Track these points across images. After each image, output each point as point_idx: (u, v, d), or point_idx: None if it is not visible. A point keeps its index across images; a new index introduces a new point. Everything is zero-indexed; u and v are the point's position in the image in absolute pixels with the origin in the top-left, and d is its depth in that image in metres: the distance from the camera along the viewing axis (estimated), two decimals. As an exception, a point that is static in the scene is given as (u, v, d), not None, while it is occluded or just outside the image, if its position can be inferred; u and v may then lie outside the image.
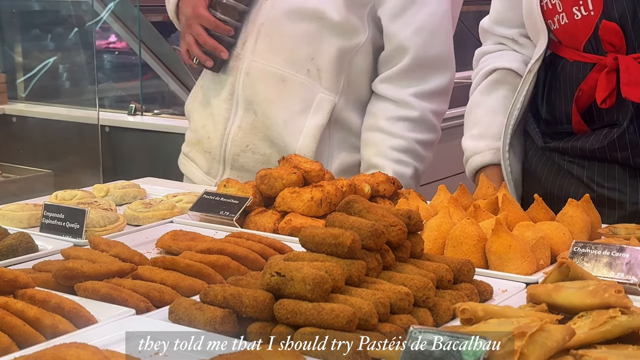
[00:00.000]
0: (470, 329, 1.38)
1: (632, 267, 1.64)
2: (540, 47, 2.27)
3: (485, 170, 2.43)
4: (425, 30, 2.53)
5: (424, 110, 2.53)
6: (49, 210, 2.11)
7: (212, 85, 2.64)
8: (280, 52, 2.52)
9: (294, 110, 2.52)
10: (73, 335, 1.47)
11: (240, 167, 2.59)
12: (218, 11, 2.46)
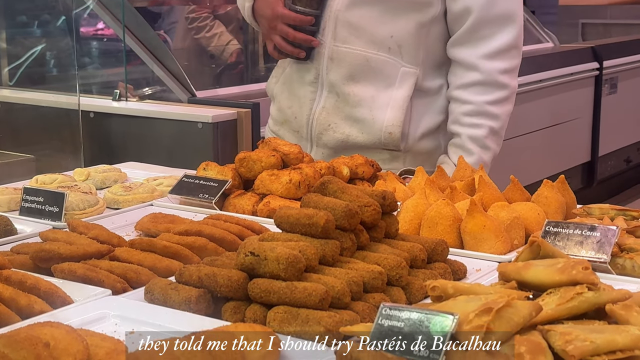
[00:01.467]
0: (439, 305, 1.40)
1: (602, 245, 1.66)
2: None
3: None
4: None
5: (491, 72, 2.59)
6: (29, 194, 2.12)
7: (295, 70, 2.72)
8: (360, 34, 2.59)
9: (380, 86, 2.61)
10: (49, 315, 1.48)
11: (324, 144, 2.68)
12: (298, 5, 2.54)
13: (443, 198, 1.95)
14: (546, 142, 5.56)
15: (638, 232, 1.81)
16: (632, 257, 1.66)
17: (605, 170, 6.33)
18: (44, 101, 3.93)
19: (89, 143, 3.69)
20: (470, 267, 1.76)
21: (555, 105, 5.60)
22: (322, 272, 1.54)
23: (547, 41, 6.36)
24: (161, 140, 3.53)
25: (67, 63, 3.92)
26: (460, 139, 2.62)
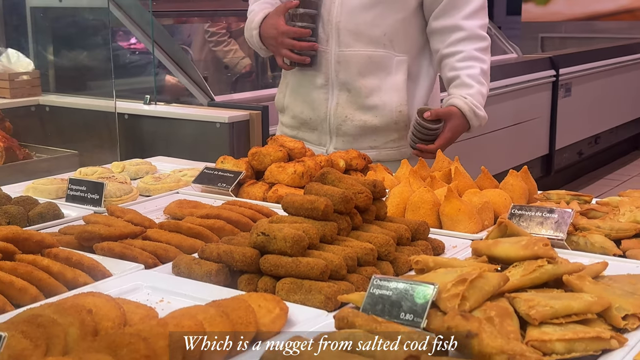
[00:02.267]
0: (422, 277, 1.40)
1: (559, 225, 1.66)
2: None
3: None
4: None
5: (472, 28, 2.62)
6: (73, 184, 2.12)
7: (303, 79, 2.73)
8: (360, 38, 2.61)
9: (382, 76, 2.63)
10: (91, 287, 1.49)
11: (344, 133, 2.68)
12: (297, 22, 2.58)
13: (424, 186, 1.95)
14: (511, 138, 5.56)
15: (590, 214, 1.81)
16: (585, 235, 1.65)
17: (561, 161, 6.34)
18: (86, 105, 3.93)
19: (124, 140, 3.69)
20: (448, 244, 1.75)
21: (518, 106, 5.60)
22: (322, 249, 1.54)
23: (512, 52, 6.35)
24: (185, 138, 3.53)
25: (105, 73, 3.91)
26: (459, 79, 2.61)
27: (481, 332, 1.12)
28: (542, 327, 1.22)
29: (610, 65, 6.79)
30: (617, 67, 6.94)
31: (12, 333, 1.17)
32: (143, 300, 1.43)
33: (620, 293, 1.33)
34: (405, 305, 1.29)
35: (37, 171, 2.65)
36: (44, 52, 4.42)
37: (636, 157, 7.92)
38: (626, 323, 1.26)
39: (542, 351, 1.18)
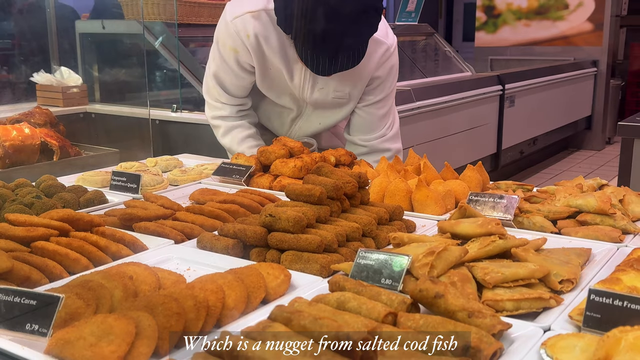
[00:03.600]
0: (398, 250, 1.39)
1: (508, 208, 1.66)
2: None
3: None
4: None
5: (375, 145, 2.52)
6: (116, 175, 2.10)
7: (274, 119, 2.59)
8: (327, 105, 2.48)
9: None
10: (132, 258, 1.48)
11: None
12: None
13: (399, 177, 1.94)
14: (467, 139, 5.56)
15: (532, 199, 1.81)
16: (528, 217, 1.65)
17: (506, 159, 6.34)
18: (125, 112, 3.91)
19: (156, 141, 3.67)
20: (418, 224, 1.75)
21: (472, 115, 5.60)
22: (318, 228, 1.53)
23: (467, 71, 6.34)
24: (206, 139, 3.50)
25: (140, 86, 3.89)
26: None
27: (446, 293, 1.12)
28: (495, 290, 1.22)
29: (546, 82, 6.81)
30: (552, 83, 6.95)
31: (68, 295, 1.17)
32: (173, 269, 1.43)
33: (557, 262, 1.33)
34: (385, 272, 1.29)
35: (85, 165, 2.63)
36: (90, 70, 4.39)
37: (566, 155, 7.96)
38: (562, 286, 1.27)
39: (495, 309, 1.18)
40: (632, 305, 1.07)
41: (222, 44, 2.36)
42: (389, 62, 2.40)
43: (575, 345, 1.01)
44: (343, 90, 2.38)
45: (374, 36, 2.27)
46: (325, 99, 2.40)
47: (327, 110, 2.45)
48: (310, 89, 2.37)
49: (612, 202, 1.64)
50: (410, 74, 5.91)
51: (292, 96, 2.42)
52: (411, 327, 1.08)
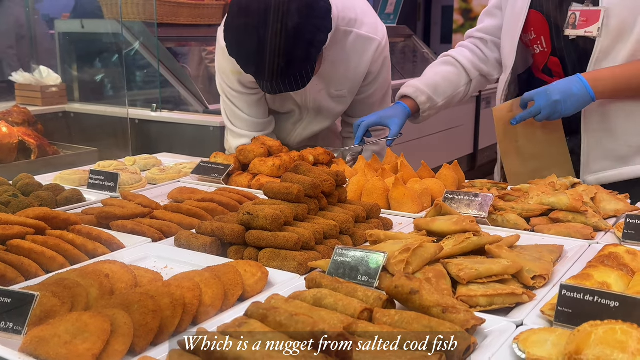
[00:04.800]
0: (374, 247, 1.39)
1: (482, 206, 1.67)
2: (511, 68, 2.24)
3: (404, 100, 2.40)
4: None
5: None
6: (94, 174, 2.08)
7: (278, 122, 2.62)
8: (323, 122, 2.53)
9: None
10: (108, 256, 1.46)
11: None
12: None
13: (377, 176, 1.94)
14: (445, 139, 5.60)
15: (506, 197, 1.82)
16: (502, 214, 1.66)
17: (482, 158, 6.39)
18: (104, 112, 3.87)
19: (135, 140, 3.63)
20: (395, 221, 1.75)
21: (450, 116, 5.63)
22: (295, 225, 1.53)
23: (445, 72, 6.37)
24: (185, 138, 3.49)
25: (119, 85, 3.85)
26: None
27: (421, 289, 1.13)
28: (469, 286, 1.22)
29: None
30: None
31: (43, 293, 1.15)
32: (150, 267, 1.42)
33: (530, 259, 1.34)
34: (362, 269, 1.29)
35: (63, 164, 2.59)
36: (70, 69, 4.33)
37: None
38: (534, 282, 1.28)
39: (469, 304, 1.19)
40: (603, 300, 1.08)
41: (223, 71, 2.38)
42: (382, 56, 2.43)
43: (547, 340, 1.01)
44: (342, 90, 2.42)
45: (364, 34, 2.32)
46: (327, 99, 2.44)
47: (329, 108, 2.48)
48: (312, 93, 2.40)
49: (584, 200, 1.66)
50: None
51: (294, 102, 2.45)
52: (386, 323, 1.08)
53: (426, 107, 2.36)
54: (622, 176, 2.07)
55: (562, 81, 1.98)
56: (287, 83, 2.08)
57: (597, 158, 2.08)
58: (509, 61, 2.22)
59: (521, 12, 2.15)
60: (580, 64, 2.07)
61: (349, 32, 2.31)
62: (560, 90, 1.95)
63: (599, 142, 2.06)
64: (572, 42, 2.07)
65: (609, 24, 1.97)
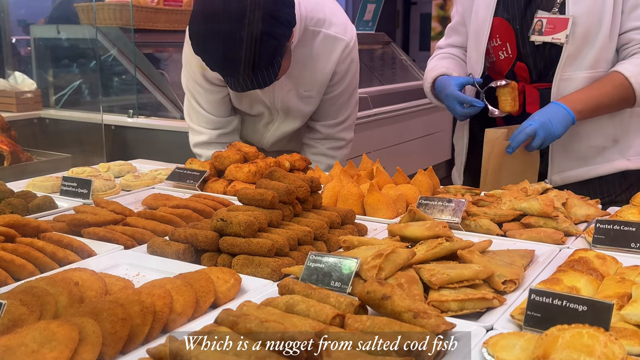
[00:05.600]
0: (348, 253, 1.40)
1: (455, 212, 1.68)
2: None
3: (439, 79, 2.29)
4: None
5: (332, 133, 2.58)
6: (66, 181, 2.05)
7: (246, 126, 2.62)
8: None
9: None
10: (78, 264, 1.44)
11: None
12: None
13: (352, 182, 1.95)
14: (423, 145, 5.63)
15: (479, 203, 1.83)
16: (475, 220, 1.68)
17: (461, 164, 6.43)
18: (79, 118, 3.84)
19: (111, 146, 3.60)
20: (370, 227, 1.76)
21: (428, 121, 5.67)
22: (269, 232, 1.53)
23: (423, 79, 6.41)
24: (161, 144, 3.47)
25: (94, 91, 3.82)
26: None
27: (393, 295, 1.13)
28: (441, 291, 1.23)
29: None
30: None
31: (11, 301, 1.13)
32: (122, 275, 1.40)
33: (501, 264, 1.35)
34: (335, 275, 1.29)
35: (37, 171, 2.56)
36: (45, 75, 4.28)
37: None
38: (505, 287, 1.29)
39: (441, 309, 1.19)
40: (571, 304, 1.09)
41: (189, 65, 2.39)
42: (349, 57, 2.44)
43: (516, 344, 1.02)
44: (311, 90, 2.43)
45: (332, 34, 2.34)
46: (295, 100, 2.44)
47: (298, 109, 2.48)
48: (280, 94, 2.40)
49: (555, 205, 1.68)
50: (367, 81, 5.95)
51: (263, 104, 2.45)
52: (358, 329, 1.08)
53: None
54: (585, 175, 2.17)
55: (543, 109, 2.03)
56: (254, 79, 2.08)
57: (563, 158, 2.16)
58: (476, 69, 2.24)
59: (485, 20, 2.18)
60: (546, 69, 2.12)
61: (317, 32, 2.34)
62: (545, 114, 2.00)
63: (564, 143, 2.12)
64: (537, 48, 2.11)
65: (575, 31, 2.02)
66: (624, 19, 2.04)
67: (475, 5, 2.23)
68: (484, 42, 2.19)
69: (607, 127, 2.13)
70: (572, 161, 2.16)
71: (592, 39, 2.04)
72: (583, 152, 2.15)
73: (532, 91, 2.15)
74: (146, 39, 3.95)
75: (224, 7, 2.01)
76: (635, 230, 1.51)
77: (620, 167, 2.17)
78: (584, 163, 2.16)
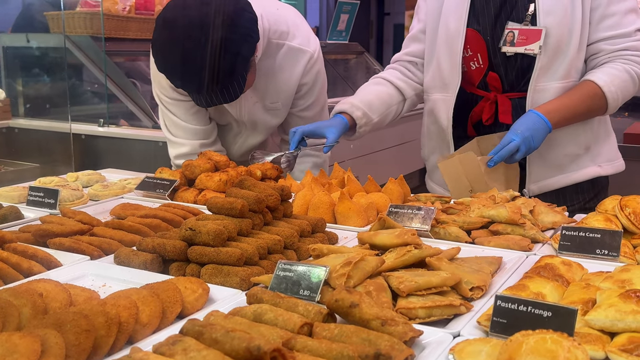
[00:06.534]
0: (317, 261, 1.39)
1: (425, 219, 1.69)
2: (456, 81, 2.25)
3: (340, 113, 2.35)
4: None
5: None
6: (33, 190, 2.02)
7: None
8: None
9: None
10: (43, 275, 1.42)
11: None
12: None
13: (323, 190, 1.95)
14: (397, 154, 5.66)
15: (449, 211, 1.85)
16: (444, 227, 1.69)
17: (434, 173, 6.48)
18: (48, 127, 3.78)
19: (81, 156, 3.55)
20: (341, 235, 1.76)
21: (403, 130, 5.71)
22: (239, 241, 1.52)
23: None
24: (133, 154, 3.43)
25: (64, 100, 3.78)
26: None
27: (361, 302, 1.13)
28: (409, 298, 1.23)
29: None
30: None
31: (-29, 314, 1.10)
32: (88, 286, 1.38)
33: (469, 271, 1.36)
34: (304, 284, 1.28)
35: (4, 181, 2.52)
36: (14, 84, 4.22)
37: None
38: (472, 293, 1.30)
39: (409, 316, 1.19)
40: (536, 310, 1.10)
41: (158, 81, 2.38)
42: (314, 69, 2.45)
43: (482, 350, 1.03)
44: (276, 102, 2.43)
45: (295, 46, 2.35)
46: (261, 112, 2.44)
47: (264, 121, 2.48)
48: (246, 106, 2.40)
49: (522, 213, 1.70)
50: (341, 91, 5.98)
51: (231, 116, 2.45)
52: (326, 337, 1.08)
53: (362, 122, 2.35)
54: (560, 183, 2.20)
55: (522, 119, 2.05)
56: (220, 95, 2.09)
57: (539, 167, 2.19)
58: (452, 81, 2.25)
59: (458, 32, 2.20)
60: (518, 79, 2.15)
61: (281, 45, 2.35)
62: (527, 127, 2.02)
63: (540, 153, 2.14)
64: (508, 59, 2.15)
65: (547, 42, 2.06)
66: (592, 29, 2.09)
67: (444, 16, 2.25)
68: (458, 53, 2.21)
69: (580, 134, 2.17)
70: (549, 170, 2.19)
71: (563, 50, 2.08)
72: (558, 161, 2.18)
73: (504, 101, 2.18)
74: (117, 48, 3.92)
75: (186, 24, 2.02)
76: (600, 237, 1.54)
77: (592, 174, 2.22)
78: (559, 171, 2.20)
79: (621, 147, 2.38)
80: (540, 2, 2.06)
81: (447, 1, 2.24)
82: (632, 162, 3.02)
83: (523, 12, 2.10)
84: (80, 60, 3.82)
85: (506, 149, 2.01)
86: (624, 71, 2.06)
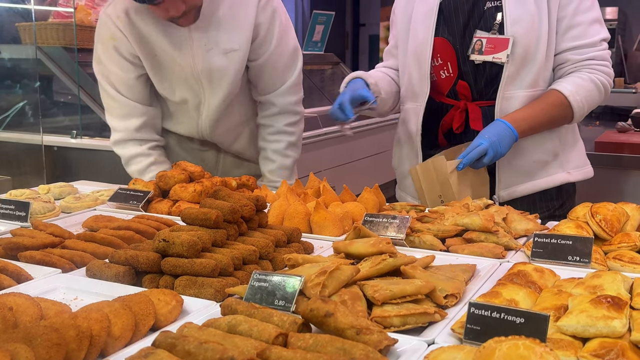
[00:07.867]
0: (292, 271, 1.39)
1: (400, 228, 1.70)
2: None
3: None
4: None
5: (285, 104, 2.54)
6: (3, 203, 1.98)
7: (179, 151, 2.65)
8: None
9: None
10: (14, 288, 1.39)
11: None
12: None
13: (298, 200, 1.95)
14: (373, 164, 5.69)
15: (423, 219, 1.86)
16: (419, 235, 1.70)
17: (410, 182, 6.51)
18: (19, 139, 3.73)
19: (54, 168, 3.51)
20: (317, 245, 1.76)
21: (379, 140, 5.74)
22: (213, 252, 1.51)
23: (372, 99, 6.49)
24: (107, 165, 3.39)
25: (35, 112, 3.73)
26: (265, 152, 2.56)
27: (336, 312, 1.13)
28: (384, 307, 1.23)
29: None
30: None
31: (-64, 330, 1.08)
32: (59, 299, 1.36)
33: (443, 278, 1.37)
34: (279, 294, 1.28)
35: (-27, 194, 2.46)
36: (-15, 96, 4.16)
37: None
38: (447, 301, 1.30)
39: (383, 325, 1.20)
40: (509, 316, 1.11)
41: (100, 39, 2.37)
42: (269, 5, 2.41)
43: (456, 357, 1.04)
44: (231, 43, 2.37)
45: None
46: (218, 57, 2.38)
47: (224, 81, 2.41)
48: (199, 53, 2.35)
49: (495, 221, 1.72)
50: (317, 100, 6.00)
51: (187, 83, 2.40)
52: (301, 347, 1.07)
53: (376, 90, 2.28)
54: (530, 189, 2.23)
55: (489, 126, 2.08)
56: None
57: (508, 174, 2.22)
58: (422, 90, 2.27)
59: (426, 41, 2.23)
60: (487, 87, 2.19)
61: None
62: (494, 133, 2.05)
63: (508, 160, 2.18)
64: (477, 67, 2.18)
65: (515, 51, 2.09)
66: (558, 39, 2.13)
67: (413, 26, 2.28)
68: (427, 62, 2.24)
69: (547, 142, 2.21)
70: (518, 176, 2.22)
71: (531, 59, 2.11)
72: (527, 167, 2.21)
73: (474, 108, 2.21)
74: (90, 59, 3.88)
75: None
76: (572, 244, 1.56)
77: (561, 180, 2.25)
78: (528, 178, 2.23)
79: (592, 155, 2.43)
80: (508, 11, 2.10)
81: (416, 12, 2.27)
82: (603, 170, 3.08)
83: (491, 21, 2.14)
84: (52, 71, 3.78)
85: (475, 151, 2.04)
86: (590, 80, 2.11)
